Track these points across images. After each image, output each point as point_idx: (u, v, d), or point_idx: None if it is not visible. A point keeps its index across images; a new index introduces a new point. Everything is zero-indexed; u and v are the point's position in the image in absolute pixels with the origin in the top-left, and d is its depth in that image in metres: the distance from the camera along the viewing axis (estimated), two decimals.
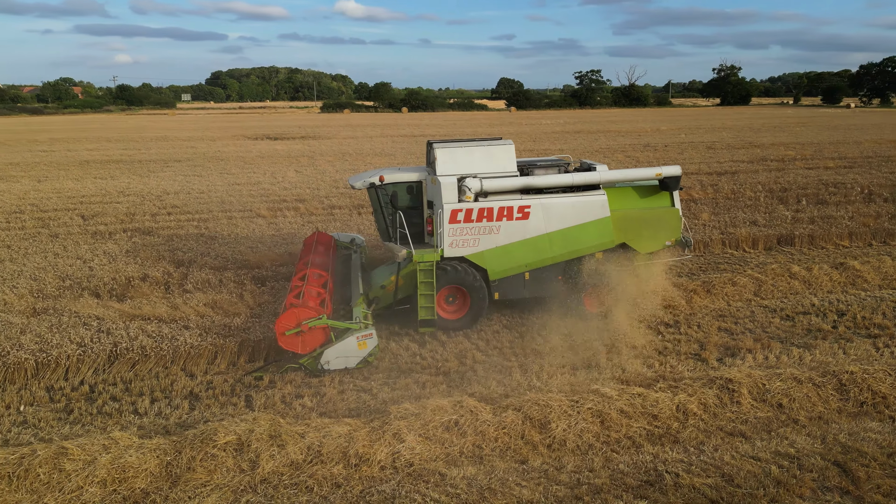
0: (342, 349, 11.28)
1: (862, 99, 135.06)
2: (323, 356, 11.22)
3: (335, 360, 11.28)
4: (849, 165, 35.74)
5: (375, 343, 11.56)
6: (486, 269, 13.17)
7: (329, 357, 11.24)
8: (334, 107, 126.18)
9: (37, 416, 10.07)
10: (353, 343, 11.33)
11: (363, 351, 11.44)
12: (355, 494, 8.06)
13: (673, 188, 14.16)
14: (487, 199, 12.92)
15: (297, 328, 11.11)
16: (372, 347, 11.51)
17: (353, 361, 11.41)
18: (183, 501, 7.94)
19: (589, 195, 13.43)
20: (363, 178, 13.55)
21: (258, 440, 8.67)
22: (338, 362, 11.30)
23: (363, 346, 11.44)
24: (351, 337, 11.35)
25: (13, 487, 7.96)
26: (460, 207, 12.72)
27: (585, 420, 9.27)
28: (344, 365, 11.34)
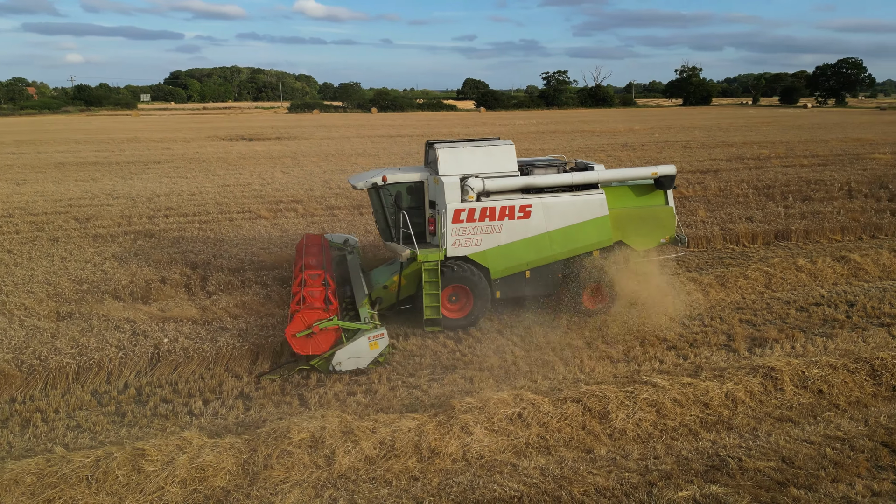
0: (354, 350, 11.29)
1: (818, 99, 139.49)
2: (335, 357, 11.22)
3: (347, 360, 11.29)
4: (822, 163, 37.02)
5: (387, 343, 11.61)
6: (489, 268, 13.34)
7: (341, 358, 11.25)
8: (302, 107, 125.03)
9: (90, 420, 9.97)
10: (364, 343, 11.35)
11: (374, 351, 11.45)
12: (434, 487, 8.23)
13: (668, 187, 14.54)
14: (489, 199, 13.06)
15: (309, 330, 11.06)
16: (383, 348, 11.54)
17: (365, 362, 11.42)
18: (264, 499, 8.02)
19: (588, 194, 13.68)
20: (365, 178, 13.55)
21: (331, 436, 8.77)
22: (349, 363, 11.31)
23: (374, 347, 11.45)
24: (362, 337, 11.37)
25: (92, 490, 7.93)
26: (463, 207, 12.83)
27: (642, 410, 9.59)
28: (355, 366, 11.35)
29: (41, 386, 10.99)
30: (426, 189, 13.48)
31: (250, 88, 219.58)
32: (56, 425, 9.83)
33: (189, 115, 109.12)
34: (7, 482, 7.90)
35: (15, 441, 9.39)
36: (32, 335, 12.35)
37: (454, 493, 8.08)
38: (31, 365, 11.06)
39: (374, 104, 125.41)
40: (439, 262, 12.84)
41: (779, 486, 8.09)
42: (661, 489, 8.04)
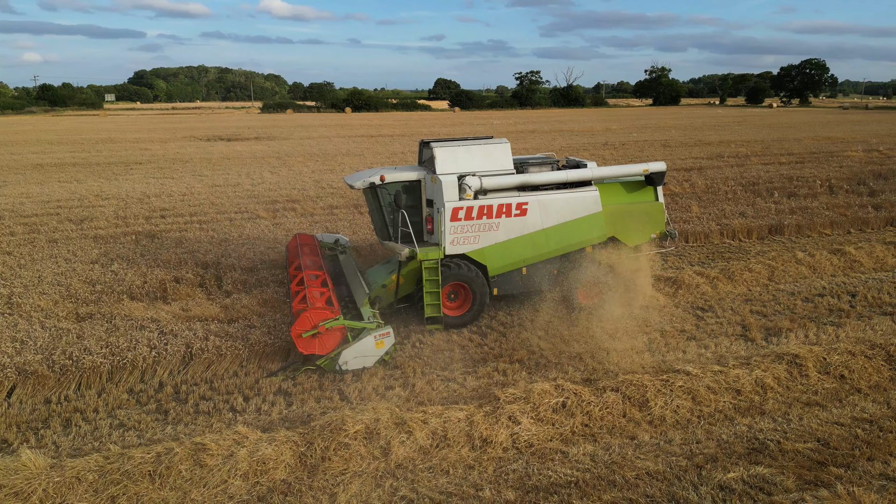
0: (360, 349, 11.32)
1: (782, 99, 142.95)
2: (341, 357, 11.23)
3: (353, 360, 11.32)
4: (800, 161, 38.11)
5: (392, 342, 11.66)
6: (486, 266, 13.47)
7: (347, 357, 11.26)
8: (275, 107, 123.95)
9: (132, 419, 9.97)
10: (370, 342, 11.39)
11: (380, 350, 11.50)
12: (490, 474, 8.46)
13: (658, 183, 14.84)
14: (487, 197, 13.18)
15: (314, 330, 11.06)
16: (389, 346, 11.59)
17: (371, 361, 11.46)
18: (326, 489, 8.16)
19: (583, 191, 13.90)
20: (362, 178, 13.46)
21: (385, 428, 8.94)
22: (356, 362, 11.34)
23: (381, 346, 11.50)
24: (368, 336, 11.40)
25: (157, 486, 7.98)
26: (461, 205, 12.93)
27: (679, 397, 9.95)
28: (362, 364, 11.39)
29: (74, 386, 10.94)
30: (423, 188, 13.56)
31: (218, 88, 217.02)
32: (99, 424, 9.81)
33: (159, 116, 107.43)
34: (70, 480, 7.91)
35: (60, 441, 9.36)
36: (57, 336, 12.25)
37: (511, 480, 8.32)
38: (64, 365, 10.99)
39: (348, 104, 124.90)
40: (439, 261, 12.95)
41: (819, 465, 8.49)
42: (710, 471, 8.38)
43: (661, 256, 18.83)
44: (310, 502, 7.95)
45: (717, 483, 8.12)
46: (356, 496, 8.05)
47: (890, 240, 18.99)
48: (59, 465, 8.19)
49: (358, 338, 11.41)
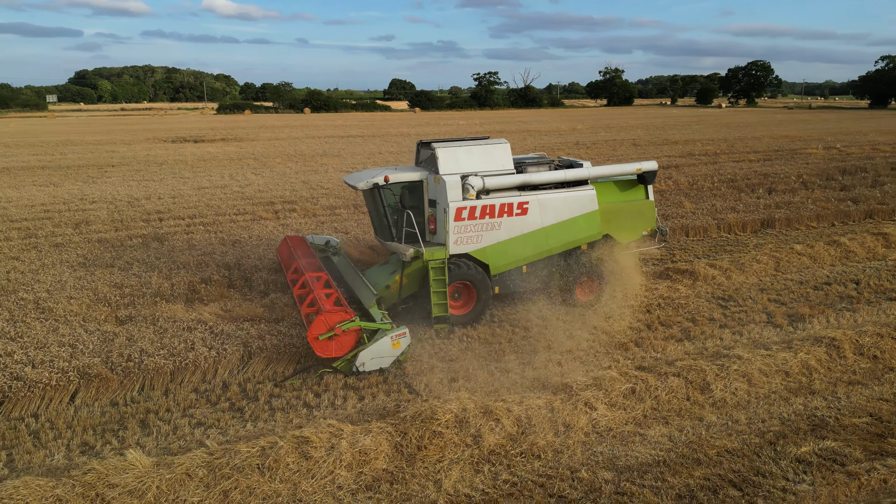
0: (377, 350, 11.29)
1: (730, 100, 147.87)
2: (358, 358, 11.19)
3: (370, 361, 11.28)
4: (767, 158, 39.78)
5: (409, 342, 11.65)
6: (489, 265, 13.66)
7: (364, 359, 11.22)
8: (232, 108, 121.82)
9: (209, 417, 10.03)
10: (387, 343, 11.37)
11: (397, 350, 11.50)
12: (580, 457, 8.88)
13: (649, 182, 15.29)
14: (489, 197, 13.37)
15: (331, 332, 11.05)
16: (405, 346, 11.58)
17: (388, 361, 11.45)
18: (429, 476, 8.44)
19: (580, 190, 14.22)
20: (364, 178, 13.45)
21: (474, 417, 9.26)
22: (373, 363, 11.31)
23: (397, 346, 11.49)
24: (385, 337, 11.38)
25: (266, 478, 8.13)
26: (464, 205, 13.05)
27: (736, 380, 10.55)
28: (379, 366, 11.38)
29: (138, 387, 10.90)
30: (426, 188, 13.63)
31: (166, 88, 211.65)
32: (178, 424, 9.84)
33: (110, 117, 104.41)
34: (180, 476, 7.98)
35: (144, 441, 9.37)
36: (107, 339, 12.14)
37: (601, 462, 8.76)
38: (126, 367, 10.94)
39: (307, 104, 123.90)
40: (446, 260, 13.08)
41: (879, 437, 9.19)
42: (783, 447, 8.99)
43: (667, 249, 19.62)
44: (416, 489, 8.22)
45: (794, 457, 8.73)
46: (459, 482, 8.35)
47: (876, 231, 20.17)
48: (166, 462, 8.24)
49: (374, 339, 11.38)
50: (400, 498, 8.07)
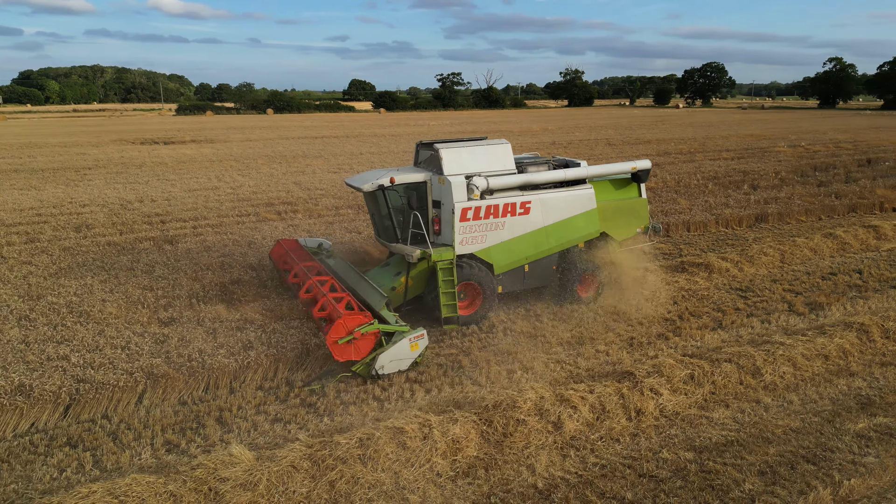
0: (396, 352, 11.23)
1: (687, 100, 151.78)
2: (377, 361, 11.09)
3: (389, 363, 11.22)
4: (740, 156, 41.22)
5: (426, 344, 11.62)
6: (492, 264, 13.78)
7: (383, 361, 11.14)
8: (192, 109, 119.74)
9: (284, 413, 10.16)
10: (405, 345, 11.30)
11: (415, 352, 11.45)
12: (656, 440, 9.34)
13: (642, 180, 15.59)
14: (493, 197, 13.46)
15: (350, 336, 10.95)
16: (423, 348, 11.54)
17: (406, 364, 11.41)
18: (521, 462, 8.79)
19: (579, 189, 14.44)
20: (369, 179, 13.39)
21: (552, 405, 9.63)
22: (392, 366, 11.26)
23: (415, 348, 11.43)
24: (404, 339, 11.30)
25: (369, 468, 8.35)
26: (469, 205, 13.14)
27: (782, 365, 11.17)
28: (397, 368, 11.33)
29: (203, 386, 10.94)
30: (429, 189, 13.60)
31: (117, 89, 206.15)
32: (256, 420, 9.95)
33: (65, 119, 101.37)
34: (286, 469, 8.14)
35: (227, 437, 9.46)
36: (158, 340, 12.12)
37: (678, 443, 9.23)
38: (191, 367, 10.97)
39: (269, 105, 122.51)
40: (454, 261, 13.12)
41: None
42: (841, 424, 9.62)
43: (674, 244, 20.35)
44: (511, 474, 8.56)
45: (854, 433, 9.36)
46: (550, 466, 8.72)
47: (866, 224, 21.27)
48: (269, 456, 8.38)
49: (392, 341, 11.31)
50: (498, 483, 8.39)
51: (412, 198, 13.24)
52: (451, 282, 13.11)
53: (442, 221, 13.47)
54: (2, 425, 9.72)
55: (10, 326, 12.93)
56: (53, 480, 8.53)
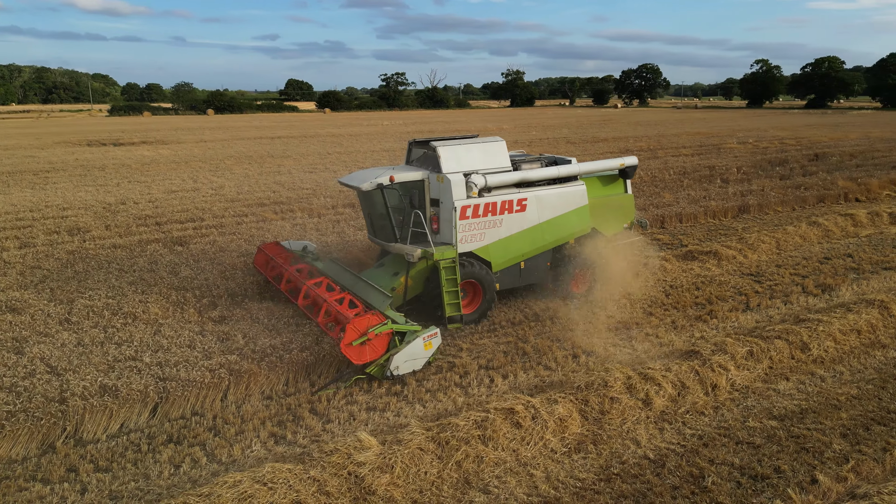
0: (410, 352, 11.11)
1: (624, 100, 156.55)
2: (392, 362, 10.94)
3: (404, 364, 11.09)
4: (698, 153, 43.16)
5: (439, 342, 11.54)
6: (491, 262, 13.76)
7: (398, 362, 11.00)
8: (126, 109, 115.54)
9: (377, 403, 10.36)
10: (419, 345, 11.20)
11: (428, 351, 11.36)
12: (737, 411, 10.05)
13: (630, 176, 15.95)
14: (491, 194, 13.44)
15: (364, 338, 10.75)
16: (436, 347, 11.46)
17: (420, 363, 11.31)
18: (622, 436, 9.32)
19: (572, 186, 14.58)
20: (367, 178, 13.13)
21: (638, 383, 10.20)
22: (406, 366, 11.13)
23: (429, 347, 11.34)
24: (418, 339, 11.18)
25: (490, 447, 8.72)
26: (468, 203, 13.08)
27: (825, 340, 12.10)
28: (412, 368, 11.21)
29: (284, 380, 11.01)
30: (427, 187, 13.46)
31: (37, 89, 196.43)
32: (350, 410, 10.11)
33: None
34: (414, 451, 8.41)
35: (331, 428, 9.60)
36: (222, 338, 12.07)
37: (759, 413, 9.96)
38: (271, 362, 11.01)
39: (210, 106, 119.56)
40: (456, 259, 13.03)
41: None
42: (894, 389, 10.56)
43: (672, 235, 21.35)
44: (619, 448, 9.07)
45: None
46: (652, 439, 9.28)
47: (843, 212, 22.86)
48: (395, 440, 8.61)
49: (406, 341, 11.17)
50: (610, 456, 8.89)
51: (414, 196, 13.10)
52: (454, 280, 12.99)
53: (441, 220, 13.37)
54: (93, 427, 9.57)
55: (56, 330, 12.58)
56: (172, 476, 8.52)
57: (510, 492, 8.14)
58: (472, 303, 13.76)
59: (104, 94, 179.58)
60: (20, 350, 11.67)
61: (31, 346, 11.72)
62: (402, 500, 7.93)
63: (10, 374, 10.59)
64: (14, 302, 14.17)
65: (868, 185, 28.51)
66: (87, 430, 9.53)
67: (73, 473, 8.62)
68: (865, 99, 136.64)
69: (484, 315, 13.81)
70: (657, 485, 8.20)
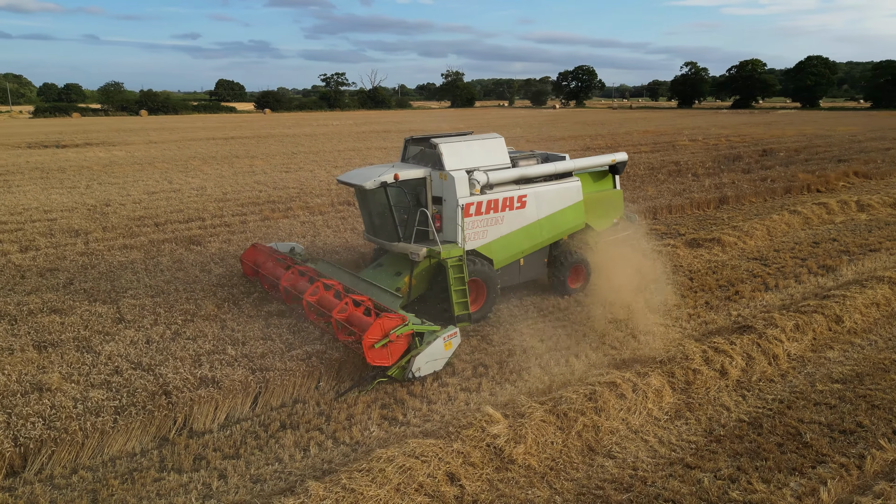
0: (431, 353, 10.91)
1: (562, 101, 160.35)
2: (414, 363, 10.73)
3: (425, 365, 10.90)
4: (657, 150, 45.08)
5: (458, 342, 11.37)
6: (493, 259, 13.65)
7: (420, 363, 10.79)
8: (52, 110, 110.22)
9: (469, 384, 10.78)
10: (440, 345, 11.02)
11: (448, 351, 11.20)
12: (802, 378, 11.00)
13: (619, 172, 16.23)
14: (493, 191, 13.36)
15: (386, 339, 10.48)
16: (455, 347, 11.29)
17: (441, 364, 11.15)
18: (712, 403, 10.10)
19: (568, 182, 14.67)
20: (368, 176, 12.81)
21: (712, 356, 11.00)
22: (428, 367, 10.95)
23: (449, 347, 11.17)
24: (438, 339, 10.99)
25: (602, 417, 9.34)
26: (472, 201, 12.97)
27: (854, 313, 13.26)
28: (433, 369, 11.03)
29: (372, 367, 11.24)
30: (429, 185, 13.27)
31: None
32: (448, 392, 10.49)
33: None
34: (538, 423, 8.90)
35: (436, 408, 9.97)
36: (295, 330, 12.19)
37: (820, 378, 10.93)
38: (355, 350, 11.23)
39: (143, 106, 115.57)
40: (463, 257, 12.83)
41: None
42: None
43: (667, 225, 22.50)
44: (714, 413, 9.82)
45: None
46: (739, 404, 10.09)
47: (816, 201, 24.60)
48: (519, 413, 9.08)
49: (426, 342, 10.95)
50: (709, 421, 9.62)
51: (421, 194, 13.09)
52: (462, 279, 12.77)
53: (444, 218, 13.15)
54: (201, 417, 9.61)
55: (116, 329, 12.39)
56: (304, 458, 8.72)
57: (634, 455, 8.75)
58: (477, 301, 13.58)
59: (19, 95, 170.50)
60: (88, 349, 11.48)
61: (99, 345, 11.55)
62: (539, 467, 8.42)
63: (95, 371, 10.47)
64: (53, 303, 13.80)
65: (826, 178, 30.66)
66: (197, 420, 9.56)
67: (202, 461, 8.69)
68: (781, 99, 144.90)
69: (487, 313, 13.64)
70: (763, 443, 8.97)
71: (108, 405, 9.30)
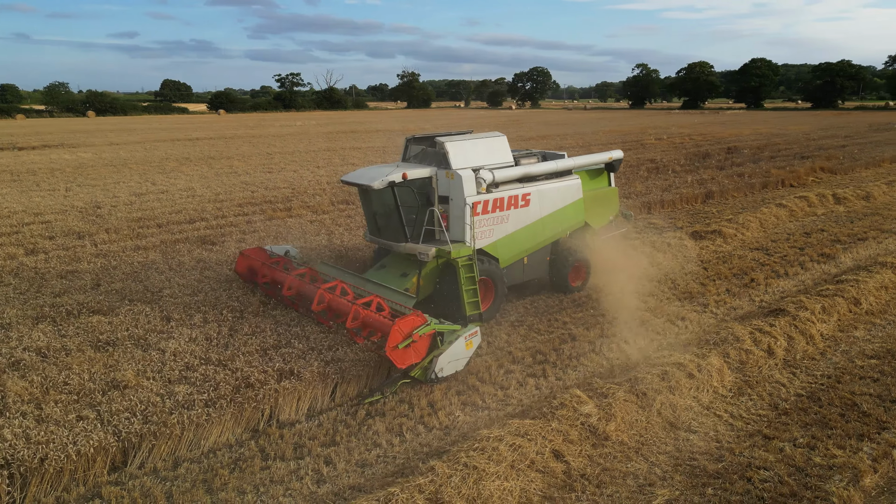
0: (453, 353, 10.81)
1: (517, 102, 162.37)
2: (437, 364, 10.60)
3: (448, 364, 10.79)
4: (627, 148, 46.03)
5: (479, 341, 11.33)
6: (499, 258, 13.63)
7: (442, 363, 10.67)
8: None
9: (534, 370, 11.20)
10: (461, 345, 10.95)
11: (469, 351, 11.14)
12: (839, 354, 11.79)
13: (615, 170, 16.44)
14: (498, 190, 13.36)
15: (409, 340, 10.38)
16: (476, 346, 11.25)
17: (462, 363, 11.06)
18: (766, 381, 10.76)
19: (569, 180, 14.82)
20: (375, 176, 12.61)
21: (760, 336, 11.69)
22: (450, 367, 10.83)
23: (470, 346, 11.13)
24: (459, 339, 10.92)
25: (677, 396, 9.87)
26: (479, 200, 12.93)
27: (870, 295, 14.18)
28: (454, 369, 10.93)
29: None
30: (435, 184, 13.17)
31: None
32: (520, 378, 10.89)
33: None
34: (622, 402, 9.38)
35: (511, 392, 10.35)
36: None
37: (857, 355, 11.74)
38: None
39: (90, 107, 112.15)
40: (474, 256, 12.74)
41: None
42: None
43: (664, 219, 23.38)
44: (773, 389, 10.49)
45: None
46: (791, 380, 10.78)
47: (798, 195, 25.89)
48: (602, 393, 9.52)
49: (447, 342, 10.88)
50: (771, 396, 10.27)
51: (431, 194, 13.00)
52: (472, 278, 12.64)
53: (451, 217, 13.08)
54: (287, 409, 9.74)
55: (168, 327, 12.32)
56: (403, 443, 8.99)
57: (713, 428, 9.32)
58: (486, 300, 13.50)
59: None
60: (148, 346, 11.42)
61: (158, 343, 11.49)
62: (631, 443, 8.90)
63: (167, 368, 10.45)
64: (90, 304, 13.59)
65: (797, 173, 32.22)
66: (283, 412, 9.70)
67: (302, 450, 8.86)
68: (724, 100, 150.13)
69: (495, 313, 13.62)
70: (827, 414, 9.66)
71: (197, 399, 9.34)
